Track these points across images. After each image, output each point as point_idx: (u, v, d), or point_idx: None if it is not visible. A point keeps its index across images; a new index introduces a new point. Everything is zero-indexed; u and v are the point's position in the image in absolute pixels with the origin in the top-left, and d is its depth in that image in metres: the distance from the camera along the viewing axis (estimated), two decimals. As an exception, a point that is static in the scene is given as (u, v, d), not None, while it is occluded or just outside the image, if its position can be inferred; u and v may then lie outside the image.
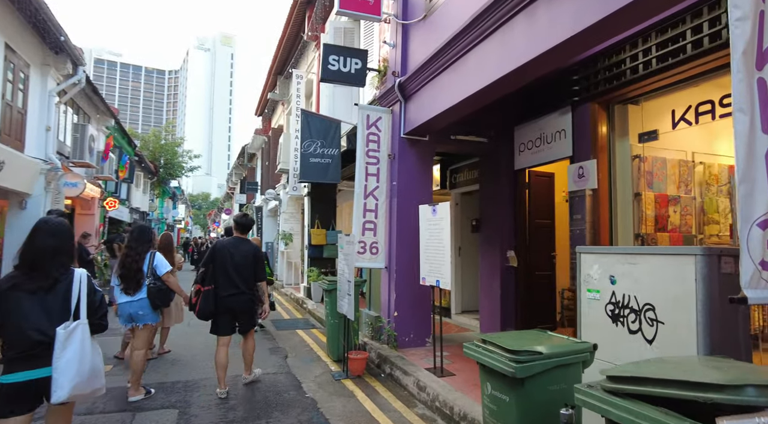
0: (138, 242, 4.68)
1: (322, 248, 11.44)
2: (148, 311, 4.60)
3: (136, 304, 4.55)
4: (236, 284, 4.67)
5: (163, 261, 4.76)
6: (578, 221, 5.48)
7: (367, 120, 6.46)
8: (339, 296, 5.83)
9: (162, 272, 4.68)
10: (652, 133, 5.17)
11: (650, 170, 5.49)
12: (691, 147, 5.90)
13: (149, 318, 4.63)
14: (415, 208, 6.26)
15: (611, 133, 5.47)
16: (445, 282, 4.96)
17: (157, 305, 4.64)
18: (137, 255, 4.62)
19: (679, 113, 4.85)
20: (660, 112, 5.38)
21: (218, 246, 4.80)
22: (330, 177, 7.14)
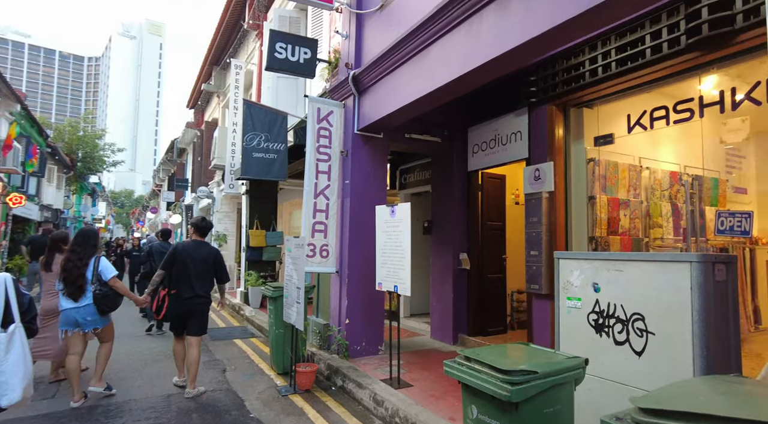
0: (81, 247, 4.57)
1: (262, 250, 10.79)
2: (96, 316, 4.52)
3: (83, 310, 4.45)
4: (194, 287, 4.77)
5: (108, 266, 4.67)
6: (534, 224, 5.40)
7: (317, 113, 6.02)
8: (286, 304, 5.36)
9: (108, 277, 4.59)
10: (608, 137, 5.21)
11: (604, 174, 5.54)
12: (637, 152, 6.05)
13: (98, 323, 4.57)
14: (369, 209, 5.93)
15: (567, 136, 5.46)
16: (404, 288, 4.66)
17: (104, 310, 4.57)
18: (79, 260, 4.50)
19: (634, 118, 4.89)
20: (615, 116, 5.44)
21: (179, 249, 4.86)
22: (275, 174, 6.62)
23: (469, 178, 6.76)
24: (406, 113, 5.34)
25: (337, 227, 6.04)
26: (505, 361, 2.25)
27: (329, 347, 6.00)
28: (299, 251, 5.12)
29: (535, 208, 5.43)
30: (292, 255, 5.34)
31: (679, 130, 6.47)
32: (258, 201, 11.01)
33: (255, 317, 9.15)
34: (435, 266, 6.98)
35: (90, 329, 4.54)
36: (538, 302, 5.36)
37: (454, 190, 6.74)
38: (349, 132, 6.07)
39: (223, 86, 15.48)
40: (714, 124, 6.44)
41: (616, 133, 5.26)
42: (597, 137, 5.33)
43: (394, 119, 5.60)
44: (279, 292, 5.69)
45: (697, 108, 4.34)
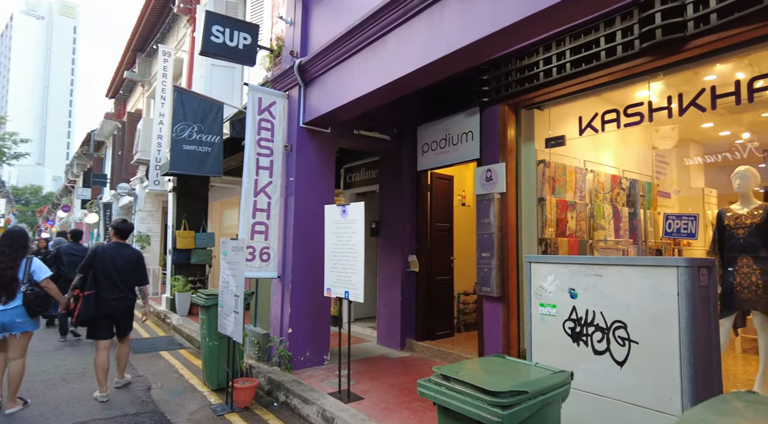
0: (11, 248, 4.40)
1: (190, 252, 9.95)
2: (25, 318, 4.36)
3: (11, 312, 4.27)
4: (120, 288, 4.83)
5: (41, 266, 4.58)
6: (485, 225, 5.29)
7: (258, 104, 5.53)
8: (221, 314, 4.83)
9: (41, 278, 4.49)
10: (560, 138, 5.21)
11: (553, 176, 5.55)
12: (582, 155, 6.16)
13: (28, 326, 4.40)
14: (315, 209, 5.53)
15: (518, 137, 5.41)
16: (356, 294, 4.33)
17: (35, 312, 4.41)
18: (11, 261, 4.35)
19: (586, 120, 4.92)
20: (566, 118, 5.47)
21: (99, 251, 4.85)
22: (209, 169, 6.01)
23: (418, 178, 6.56)
24: (358, 107, 5.02)
25: (280, 228, 5.58)
26: (490, 380, 2.00)
27: (269, 359, 5.52)
28: (237, 254, 4.62)
29: (486, 210, 5.32)
30: (228, 259, 4.82)
31: (617, 136, 6.71)
32: (186, 199, 10.15)
33: (183, 325, 8.37)
34: (382, 269, 6.70)
35: (20, 332, 4.35)
36: (490, 305, 5.25)
37: (403, 190, 6.51)
38: (293, 125, 5.63)
39: (148, 74, 14.25)
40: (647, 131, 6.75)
41: (567, 135, 5.28)
42: (548, 139, 5.32)
43: (343, 113, 5.26)
44: (213, 300, 5.13)
45: (646, 112, 4.41)
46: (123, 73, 15.27)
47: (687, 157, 6.90)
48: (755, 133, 6.66)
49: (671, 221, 4.18)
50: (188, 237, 9.86)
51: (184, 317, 9.28)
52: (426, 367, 5.49)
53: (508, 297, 5.12)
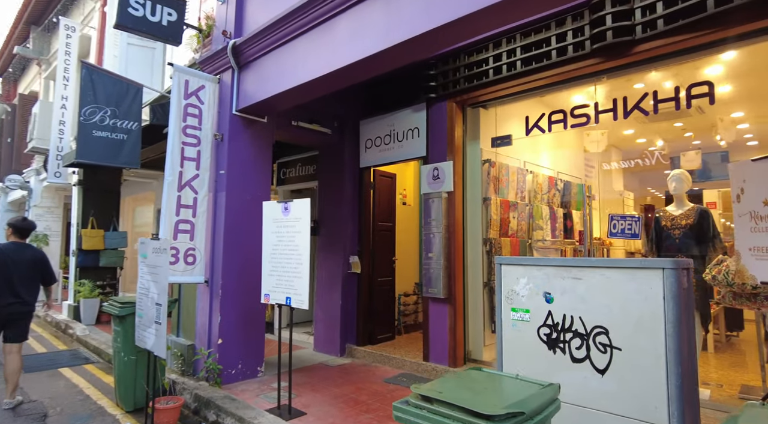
0: None
1: (99, 254, 8.84)
2: None
3: None
4: (18, 293, 4.46)
5: None
6: (432, 225, 5.13)
7: (185, 87, 4.91)
8: (140, 325, 4.19)
9: None
10: (506, 138, 5.17)
11: (497, 176, 5.51)
12: (521, 156, 6.22)
13: None
14: (249, 206, 5.03)
15: (464, 135, 5.30)
16: (299, 300, 3.93)
17: None
18: None
19: (533, 120, 4.91)
20: (513, 118, 5.46)
21: None
22: (125, 159, 5.25)
23: (361, 175, 6.25)
24: (301, 95, 4.61)
25: (208, 228, 5.01)
26: (479, 400, 1.76)
27: (195, 373, 4.93)
28: (159, 257, 4.02)
29: (433, 209, 5.15)
30: (149, 262, 4.20)
31: (552, 138, 6.88)
32: (95, 194, 9.00)
33: (90, 336, 7.38)
34: (321, 271, 6.32)
35: None
36: (436, 307, 5.09)
37: (344, 187, 6.16)
38: (225, 113, 5.08)
39: (46, 52, 12.56)
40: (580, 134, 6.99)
41: (513, 135, 5.26)
42: (495, 138, 5.27)
43: (284, 101, 4.82)
44: (129, 309, 4.46)
45: (593, 114, 4.47)
46: (13, 48, 13.34)
47: (606, 162, 7.26)
48: (667, 141, 7.17)
49: (616, 221, 4.27)
50: (96, 237, 8.74)
51: (91, 326, 8.21)
52: (369, 374, 5.21)
53: (454, 298, 4.98)
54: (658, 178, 8.94)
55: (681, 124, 7.05)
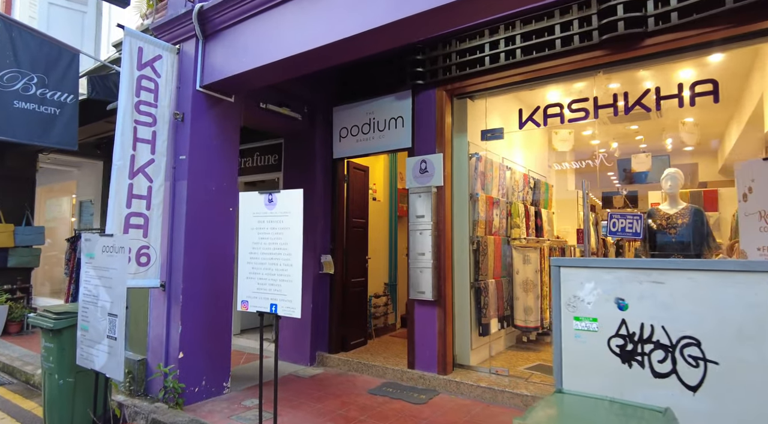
0: None
1: (7, 252, 7.51)
2: None
3: None
4: None
5: None
6: (420, 222, 4.76)
7: (138, 55, 4.13)
8: (84, 340, 3.43)
9: None
10: (498, 131, 4.93)
11: (483, 171, 5.27)
12: (499, 152, 6.03)
13: None
14: (215, 197, 4.37)
15: (453, 126, 4.99)
16: (289, 307, 3.38)
17: None
18: None
19: (527, 113, 4.70)
20: (504, 109, 5.24)
21: None
22: (57, 137, 4.32)
23: (334, 167, 5.73)
24: (281, 71, 4.04)
25: (165, 222, 4.26)
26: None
27: (149, 393, 4.18)
28: (113, 257, 3.29)
29: (420, 205, 4.78)
30: (97, 264, 3.44)
31: (523, 136, 6.79)
32: (3, 182, 7.62)
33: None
34: (286, 271, 5.71)
35: None
36: (423, 310, 4.74)
37: (314, 180, 5.61)
38: (187, 89, 4.35)
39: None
40: (547, 133, 6.97)
41: (505, 128, 5.03)
42: (485, 131, 5.01)
43: (260, 78, 4.21)
44: (67, 321, 3.65)
45: (591, 108, 4.33)
46: None
47: (557, 162, 7.34)
48: (622, 143, 7.36)
49: (616, 220, 4.17)
50: (5, 232, 7.41)
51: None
52: (349, 385, 4.74)
53: (444, 300, 4.66)
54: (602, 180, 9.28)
55: (636, 127, 7.28)
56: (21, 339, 6.95)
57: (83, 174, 10.21)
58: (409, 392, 4.47)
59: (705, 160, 9.27)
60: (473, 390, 4.31)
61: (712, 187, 8.13)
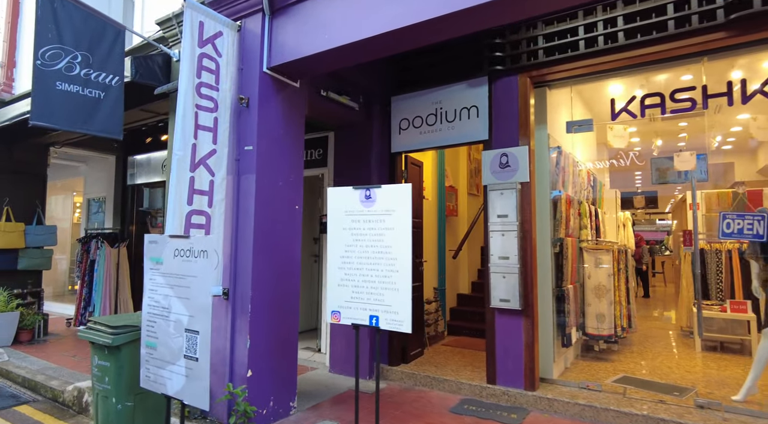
0: None
1: (17, 254, 6.89)
2: None
3: None
4: None
5: None
6: (502, 222, 4.31)
7: (200, 31, 3.62)
8: (151, 359, 2.92)
9: None
10: (586, 122, 4.51)
11: (563, 166, 4.85)
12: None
13: None
14: (283, 194, 3.87)
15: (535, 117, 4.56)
16: (395, 320, 2.91)
17: None
18: None
19: (619, 103, 4.29)
20: (592, 100, 4.82)
21: None
22: (101, 124, 3.78)
23: (392, 162, 5.25)
24: (363, 53, 3.59)
25: (228, 222, 3.76)
26: None
27: (207, 416, 3.67)
28: (194, 263, 2.78)
29: (501, 203, 4.34)
30: (168, 270, 2.93)
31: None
32: (10, 177, 6.99)
33: (12, 363, 5.59)
34: (339, 276, 5.22)
35: None
36: (507, 319, 4.29)
37: (370, 176, 5.13)
38: (252, 70, 3.85)
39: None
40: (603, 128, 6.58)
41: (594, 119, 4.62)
42: (571, 122, 4.59)
43: (335, 60, 3.74)
44: (129, 335, 3.14)
45: (700, 98, 3.93)
46: None
47: (599, 160, 6.99)
48: (666, 140, 6.99)
49: (730, 220, 3.78)
50: (14, 232, 6.79)
51: (7, 348, 6.31)
52: (424, 402, 4.27)
53: (532, 310, 4.22)
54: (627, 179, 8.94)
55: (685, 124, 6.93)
56: (35, 348, 6.35)
57: (91, 170, 9.58)
58: (496, 410, 4.02)
59: (742, 159, 8.99)
60: (570, 408, 3.88)
61: (750, 186, 7.84)
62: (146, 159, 8.07)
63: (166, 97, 4.49)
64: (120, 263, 7.81)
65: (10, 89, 7.05)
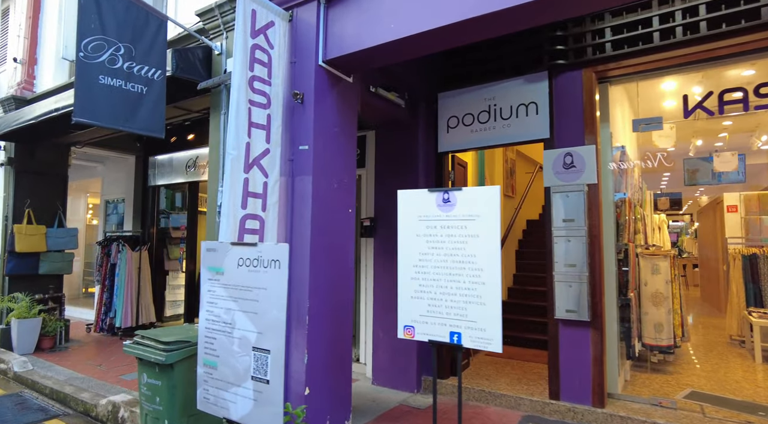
0: None
1: (38, 258, 6.64)
2: None
3: None
4: None
5: None
6: (568, 227, 4.03)
7: (252, 20, 3.35)
8: (210, 379, 2.65)
9: None
10: (655, 120, 4.21)
11: (626, 167, 4.56)
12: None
13: None
14: (337, 196, 3.63)
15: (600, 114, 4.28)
16: (481, 338, 2.63)
17: None
18: None
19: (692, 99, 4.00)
20: (660, 94, 4.54)
21: None
22: (143, 122, 3.51)
23: (438, 162, 4.98)
24: (438, 41, 3.29)
25: (281, 226, 3.49)
26: None
27: (260, 437, 3.38)
28: (262, 273, 2.51)
29: (566, 206, 4.05)
30: (228, 281, 2.66)
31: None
32: (31, 178, 6.75)
33: (36, 373, 5.33)
34: (383, 281, 4.96)
35: None
36: (572, 331, 4.00)
37: (416, 177, 4.86)
38: (306, 63, 3.57)
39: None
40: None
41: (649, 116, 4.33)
42: (638, 120, 4.29)
43: (401, 52, 3.46)
44: (182, 352, 2.86)
45: (788, 93, 3.64)
46: None
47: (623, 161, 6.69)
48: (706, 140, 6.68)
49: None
50: (36, 235, 6.54)
51: (29, 355, 6.06)
52: (485, 419, 3.99)
53: (600, 321, 3.93)
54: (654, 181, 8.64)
55: (729, 123, 6.64)
56: (57, 356, 6.10)
57: (108, 170, 9.31)
58: (564, 429, 3.74)
59: (775, 160, 8.67)
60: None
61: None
62: (168, 159, 7.81)
63: (205, 92, 4.22)
64: (141, 266, 7.57)
65: (31, 87, 6.81)
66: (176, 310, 8.30)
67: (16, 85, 6.85)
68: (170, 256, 8.17)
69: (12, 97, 6.55)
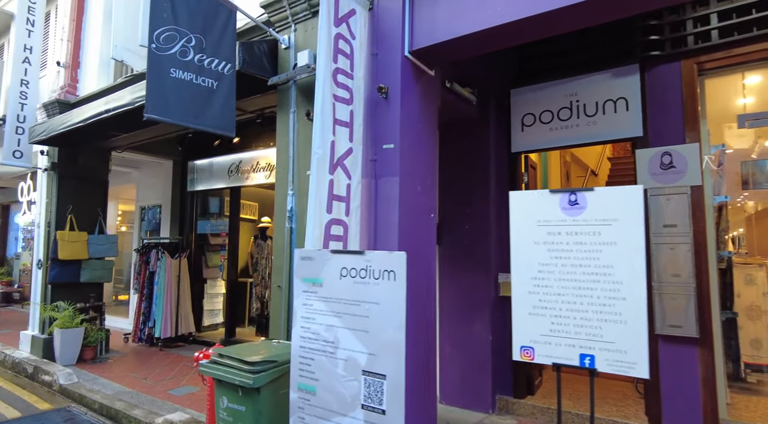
0: None
1: (80, 265, 6.44)
2: None
3: None
4: None
5: None
6: (670, 233, 3.64)
7: (335, 8, 3.07)
8: (307, 406, 2.33)
9: None
10: (763, 115, 3.82)
11: (726, 168, 4.16)
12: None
13: None
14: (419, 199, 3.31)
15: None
16: (621, 361, 2.27)
17: None
18: None
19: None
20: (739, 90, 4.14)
21: None
22: (213, 119, 3.24)
23: (512, 163, 4.63)
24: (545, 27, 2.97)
25: (363, 232, 3.17)
26: None
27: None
28: (372, 286, 2.19)
29: (667, 210, 3.67)
30: (328, 293, 2.35)
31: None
32: (73, 183, 6.56)
33: (83, 386, 5.09)
34: (450, 292, 4.61)
35: None
36: (675, 348, 3.60)
37: (487, 179, 4.53)
38: (388, 55, 3.27)
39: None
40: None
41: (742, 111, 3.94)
42: (743, 115, 3.90)
43: (492, 41, 3.14)
44: (270, 373, 2.55)
45: None
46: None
47: None
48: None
49: None
50: (78, 241, 6.34)
51: (73, 367, 5.84)
52: (578, 447, 3.60)
53: (708, 337, 3.53)
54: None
55: None
56: (100, 368, 5.87)
57: (143, 175, 9.12)
58: (674, 461, 3.33)
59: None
60: (773, 462, 3.17)
61: None
62: (208, 164, 7.59)
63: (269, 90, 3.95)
64: (181, 274, 7.34)
65: (74, 91, 6.65)
66: (214, 319, 8.04)
67: (59, 88, 6.70)
68: (209, 263, 7.93)
69: (56, 100, 6.40)
